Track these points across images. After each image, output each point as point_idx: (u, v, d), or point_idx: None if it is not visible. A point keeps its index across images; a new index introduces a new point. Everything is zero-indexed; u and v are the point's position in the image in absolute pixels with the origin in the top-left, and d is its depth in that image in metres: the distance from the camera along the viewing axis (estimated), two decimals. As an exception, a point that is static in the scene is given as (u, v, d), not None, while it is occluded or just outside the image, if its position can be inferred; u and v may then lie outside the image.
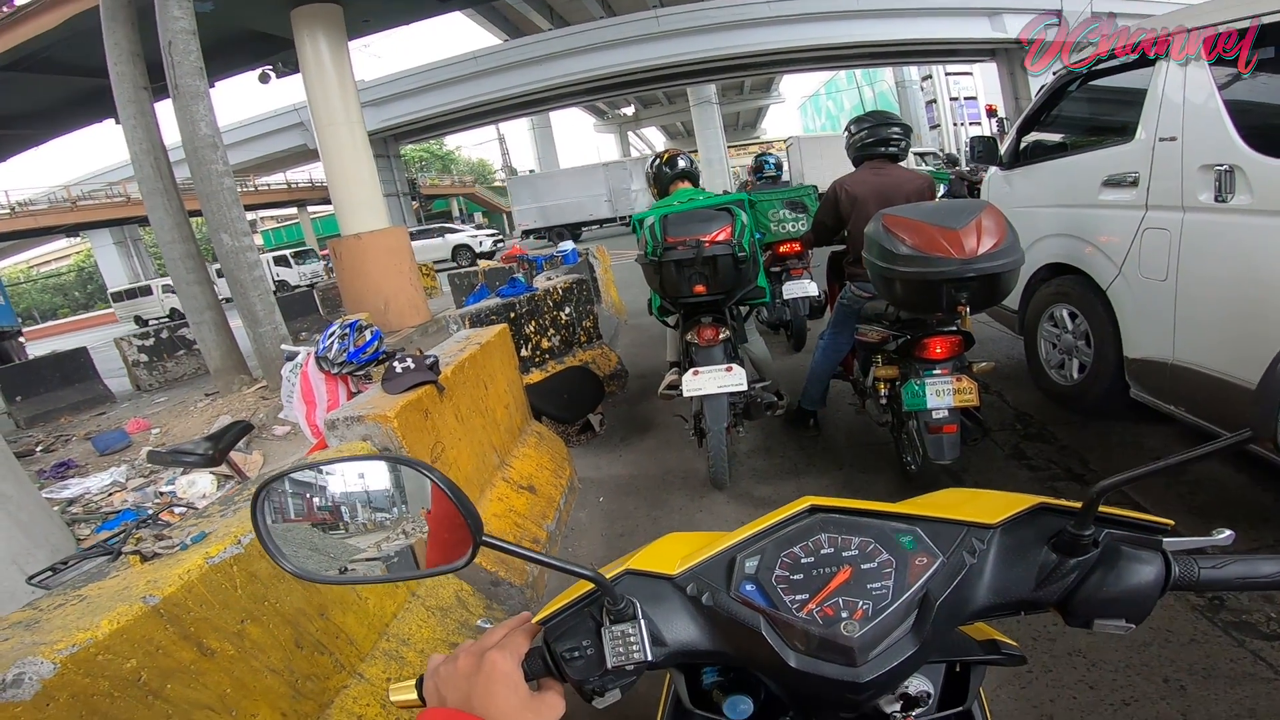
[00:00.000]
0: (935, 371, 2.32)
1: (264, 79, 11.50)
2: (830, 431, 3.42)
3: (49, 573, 1.84)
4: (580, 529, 2.89)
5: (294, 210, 36.47)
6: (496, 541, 0.54)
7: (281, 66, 11.05)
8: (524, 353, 4.17)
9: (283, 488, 0.62)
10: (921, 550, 0.56)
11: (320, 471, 0.63)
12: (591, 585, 0.56)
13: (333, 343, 2.58)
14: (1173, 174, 2.42)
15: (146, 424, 6.42)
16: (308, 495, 0.64)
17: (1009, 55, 22.74)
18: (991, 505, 0.61)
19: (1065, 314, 3.14)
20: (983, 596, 0.56)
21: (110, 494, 4.53)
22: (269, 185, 31.30)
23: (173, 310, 20.53)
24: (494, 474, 2.73)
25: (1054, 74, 3.31)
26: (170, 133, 6.86)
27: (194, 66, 6.07)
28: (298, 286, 19.35)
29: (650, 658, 0.55)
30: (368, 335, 2.62)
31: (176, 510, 3.87)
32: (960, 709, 0.66)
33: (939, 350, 2.32)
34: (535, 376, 4.07)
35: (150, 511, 4.00)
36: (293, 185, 32.43)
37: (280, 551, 0.57)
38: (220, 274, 7.31)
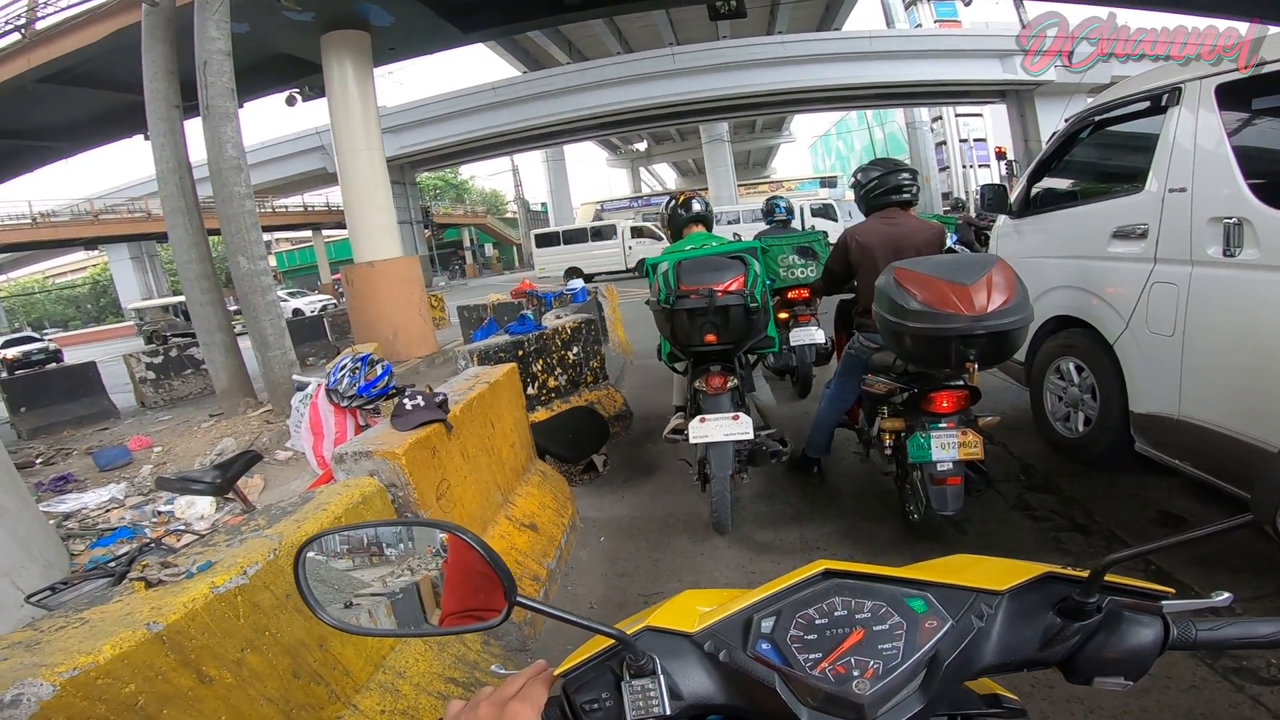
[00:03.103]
0: (941, 425, 2.33)
1: (291, 102, 11.72)
2: (834, 479, 3.40)
3: (48, 592, 1.84)
4: (581, 568, 2.86)
5: (308, 233, 36.99)
6: (530, 603, 0.57)
7: (309, 90, 11.25)
8: (530, 390, 4.18)
9: (327, 545, 0.64)
10: (932, 614, 0.59)
11: (356, 532, 0.66)
12: (612, 640, 0.59)
13: (344, 376, 2.61)
14: (1182, 226, 2.42)
15: (149, 442, 6.42)
16: (346, 542, 0.66)
17: (1019, 96, 23.05)
18: (1000, 572, 0.63)
19: (1072, 367, 3.14)
20: (988, 656, 0.59)
21: (107, 510, 4.51)
22: (286, 207, 31.69)
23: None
24: (497, 512, 2.73)
25: (1064, 121, 3.33)
26: (195, 151, 6.98)
27: (226, 88, 6.20)
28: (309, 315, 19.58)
29: (669, 712, 0.57)
30: (378, 370, 2.65)
31: (174, 530, 3.85)
32: None
33: (946, 405, 2.33)
34: (541, 415, 4.07)
35: (147, 531, 3.99)
36: (309, 208, 32.83)
37: (319, 604, 0.60)
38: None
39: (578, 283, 7.43)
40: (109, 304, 39.94)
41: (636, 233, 22.43)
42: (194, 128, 6.79)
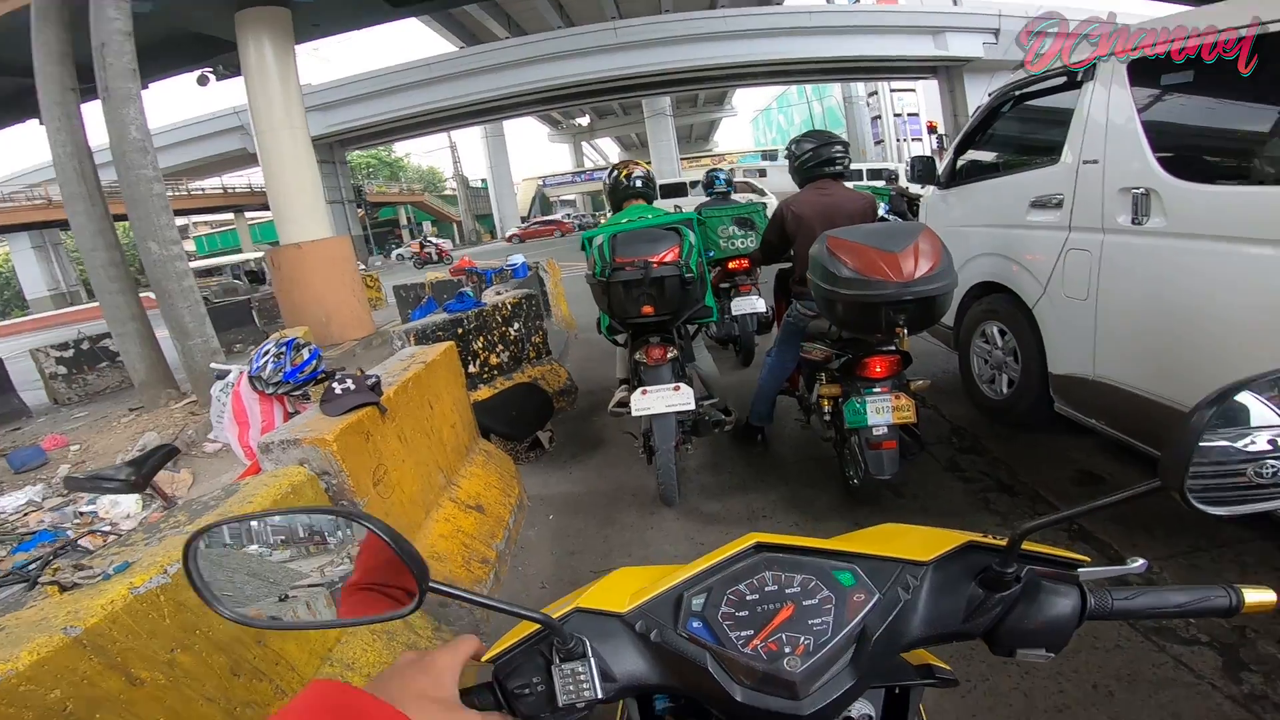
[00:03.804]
0: (875, 390, 2.40)
1: (203, 81, 11.04)
2: (777, 447, 3.47)
3: (-39, 601, 1.70)
4: (530, 548, 2.84)
5: (230, 216, 35.10)
6: (443, 587, 0.55)
7: (222, 69, 10.62)
8: (471, 369, 4.09)
9: (217, 536, 0.59)
10: (860, 587, 0.59)
11: (255, 523, 0.61)
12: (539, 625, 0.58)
13: (267, 362, 2.47)
14: (1094, 196, 2.53)
15: (64, 440, 6.01)
16: (243, 534, 0.62)
17: (949, 72, 23.88)
18: (925, 542, 0.64)
19: (995, 331, 3.27)
20: (916, 629, 0.60)
21: (25, 514, 4.21)
22: (204, 190, 30.10)
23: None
24: (440, 494, 2.67)
25: (988, 95, 3.43)
26: (98, 134, 6.51)
27: (126, 69, 5.78)
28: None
29: (600, 695, 0.56)
30: (305, 354, 2.52)
31: (99, 531, 3.63)
32: None
33: (879, 369, 2.39)
34: (483, 393, 3.99)
35: (70, 533, 3.75)
36: (230, 190, 31.28)
37: (216, 598, 0.56)
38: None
39: (518, 258, 7.30)
40: (13, 297, 36.74)
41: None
42: (95, 109, 6.32)
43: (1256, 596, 0.57)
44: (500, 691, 0.57)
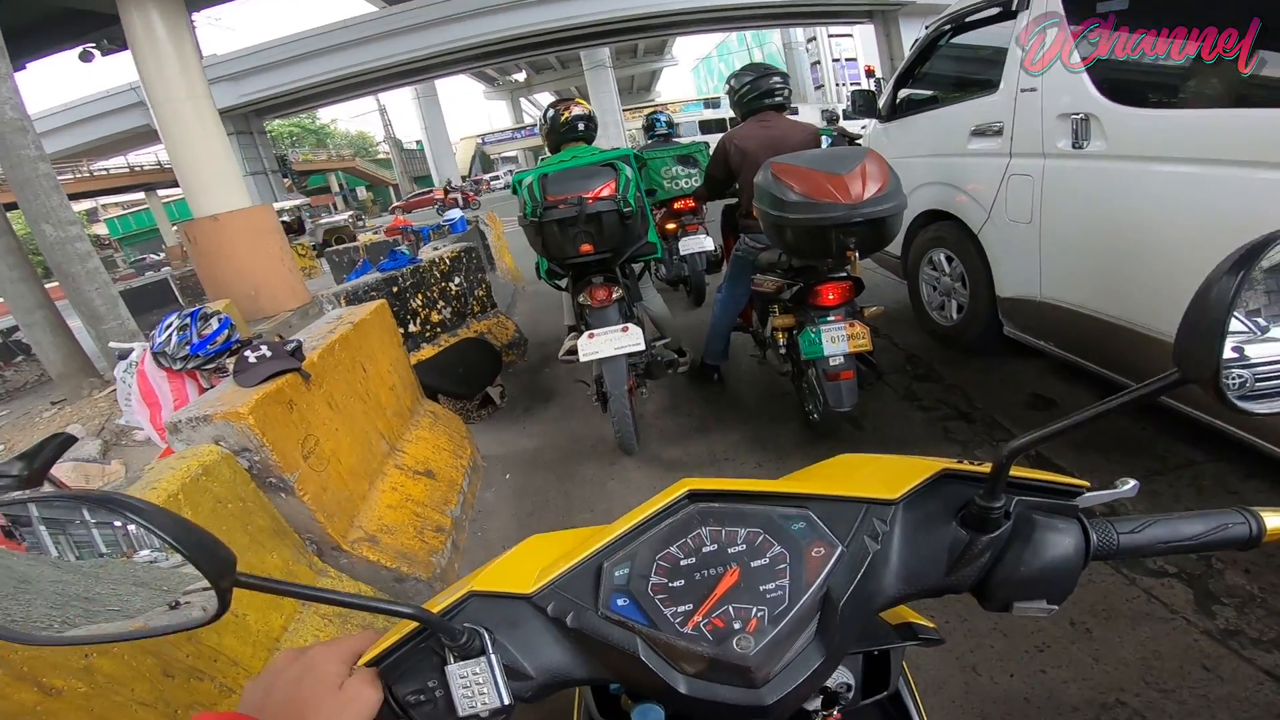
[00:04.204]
0: (829, 318, 2.35)
1: (86, 57, 10.08)
2: (734, 385, 3.43)
3: None
4: (489, 510, 2.74)
5: (142, 195, 32.99)
6: (252, 580, 0.41)
7: (106, 44, 9.70)
8: (413, 328, 3.89)
9: None
10: (817, 538, 0.48)
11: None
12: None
13: (170, 335, 2.23)
14: (1033, 123, 2.54)
15: (-15, 440, 5.60)
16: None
17: (885, 16, 24.07)
18: (890, 474, 0.53)
19: (943, 258, 3.29)
20: (891, 586, 0.49)
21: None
22: (107, 170, 28.39)
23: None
24: (384, 462, 2.51)
25: (925, 29, 3.39)
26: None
27: None
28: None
29: (506, 700, 0.44)
30: (214, 324, 2.28)
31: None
32: (886, 693, 0.59)
33: (831, 296, 2.34)
34: (427, 352, 3.81)
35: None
36: (136, 169, 29.61)
37: None
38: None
39: (455, 213, 7.02)
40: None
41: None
42: None
43: (1278, 521, 0.47)
44: (392, 698, 0.45)
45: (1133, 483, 0.47)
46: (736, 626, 0.45)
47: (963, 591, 0.51)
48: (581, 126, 3.09)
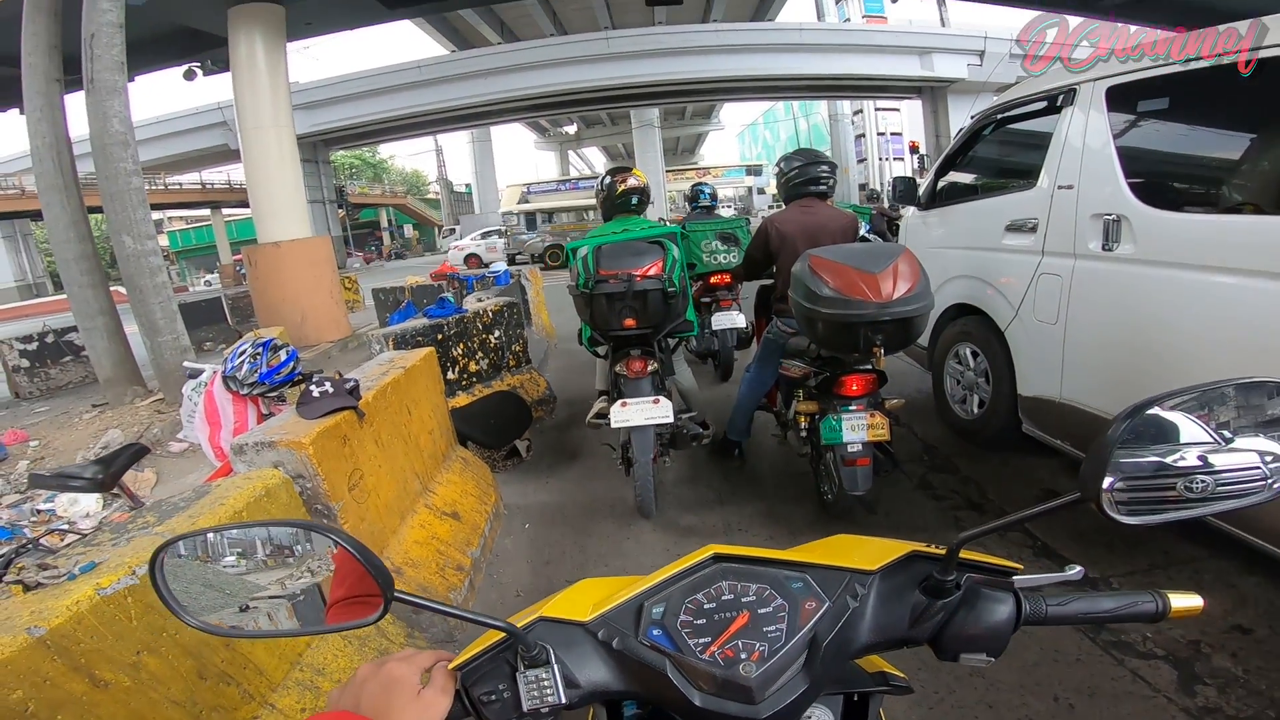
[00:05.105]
0: (851, 408, 2.43)
1: (189, 76, 10.87)
2: (754, 461, 3.50)
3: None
4: (506, 556, 2.83)
5: (206, 211, 34.50)
6: (408, 596, 0.57)
7: (210, 64, 10.46)
8: (450, 375, 4.06)
9: (186, 548, 0.61)
10: (811, 595, 0.62)
11: (221, 536, 0.63)
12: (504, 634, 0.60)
13: (243, 362, 2.43)
14: (1067, 221, 2.58)
15: (24, 435, 5.83)
16: (208, 546, 0.63)
17: (933, 93, 24.17)
18: (872, 552, 0.67)
19: (968, 352, 3.34)
20: (865, 635, 0.62)
21: (-18, 509, 4.07)
22: (180, 184, 29.58)
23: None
24: (416, 500, 2.64)
25: (971, 117, 3.48)
26: (78, 125, 6.41)
27: (115, 61, 5.72)
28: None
29: (564, 700, 0.58)
30: (283, 355, 2.48)
31: (56, 530, 3.52)
32: None
33: (855, 388, 2.43)
34: (461, 400, 3.97)
35: (26, 530, 3.64)
36: (208, 186, 30.76)
37: (182, 607, 0.58)
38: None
39: (500, 265, 7.29)
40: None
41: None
42: (76, 100, 6.28)
43: (1182, 602, 0.60)
44: (467, 698, 0.59)
45: (1078, 569, 0.60)
46: (743, 656, 0.58)
47: (921, 643, 0.63)
48: (635, 200, 3.29)
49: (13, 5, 7.16)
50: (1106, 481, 0.56)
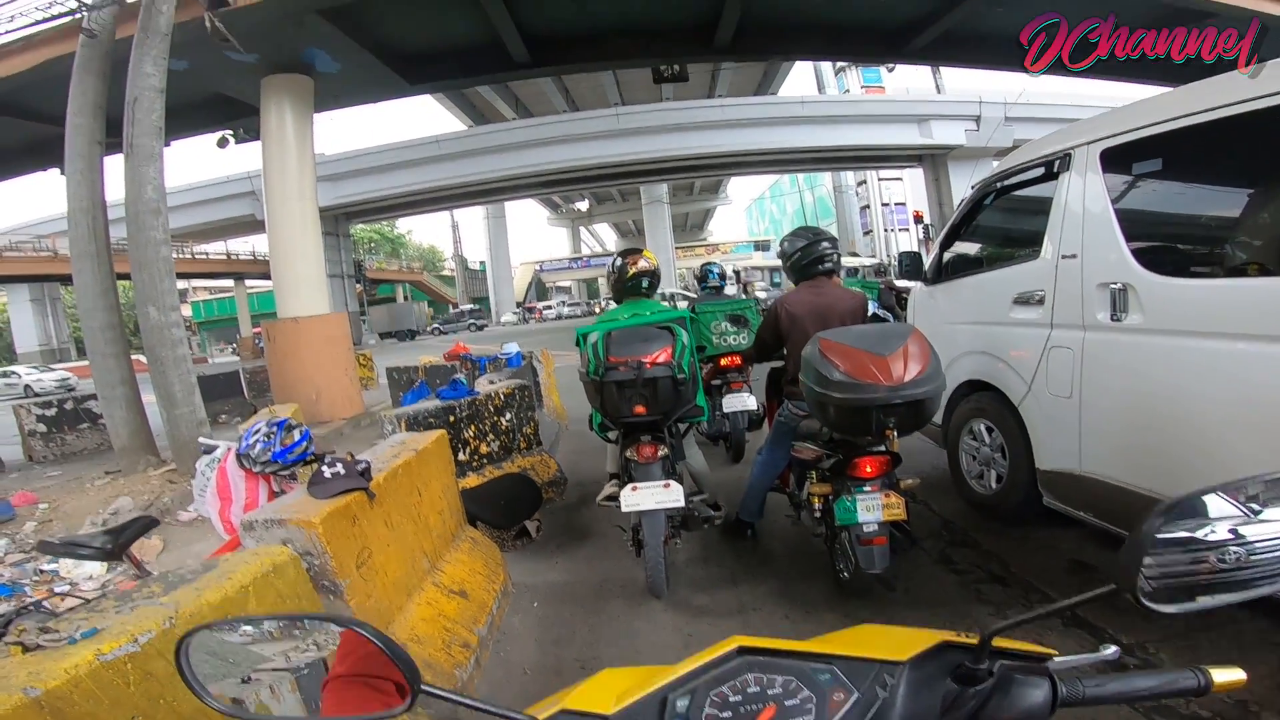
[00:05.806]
0: (865, 488, 2.40)
1: (223, 143, 11.17)
2: (767, 541, 3.42)
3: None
4: (513, 635, 2.75)
5: (230, 282, 35.29)
6: (437, 691, 0.57)
7: (243, 133, 10.80)
8: (461, 456, 4.05)
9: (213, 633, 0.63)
10: (839, 686, 0.61)
11: (246, 626, 0.64)
12: None
13: (257, 441, 2.46)
14: (1074, 292, 2.57)
15: (34, 498, 5.84)
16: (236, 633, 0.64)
17: (934, 160, 24.89)
18: (901, 642, 0.66)
19: (983, 428, 3.30)
20: None
21: (-13, 567, 4.04)
22: (206, 254, 30.22)
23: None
24: (423, 579, 2.61)
25: (971, 188, 3.49)
26: (112, 189, 6.59)
27: (154, 126, 5.91)
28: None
29: None
30: (296, 435, 2.52)
31: (58, 591, 3.47)
32: None
33: (869, 470, 2.41)
34: (472, 481, 3.94)
35: (28, 588, 3.61)
36: (233, 256, 31.43)
37: (206, 690, 0.59)
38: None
39: (512, 346, 7.33)
40: (3, 348, 36.38)
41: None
42: (113, 165, 6.41)
43: (1225, 676, 0.59)
44: None
45: (1113, 649, 0.60)
46: None
47: None
48: (645, 283, 3.36)
49: (59, 64, 7.47)
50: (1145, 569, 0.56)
